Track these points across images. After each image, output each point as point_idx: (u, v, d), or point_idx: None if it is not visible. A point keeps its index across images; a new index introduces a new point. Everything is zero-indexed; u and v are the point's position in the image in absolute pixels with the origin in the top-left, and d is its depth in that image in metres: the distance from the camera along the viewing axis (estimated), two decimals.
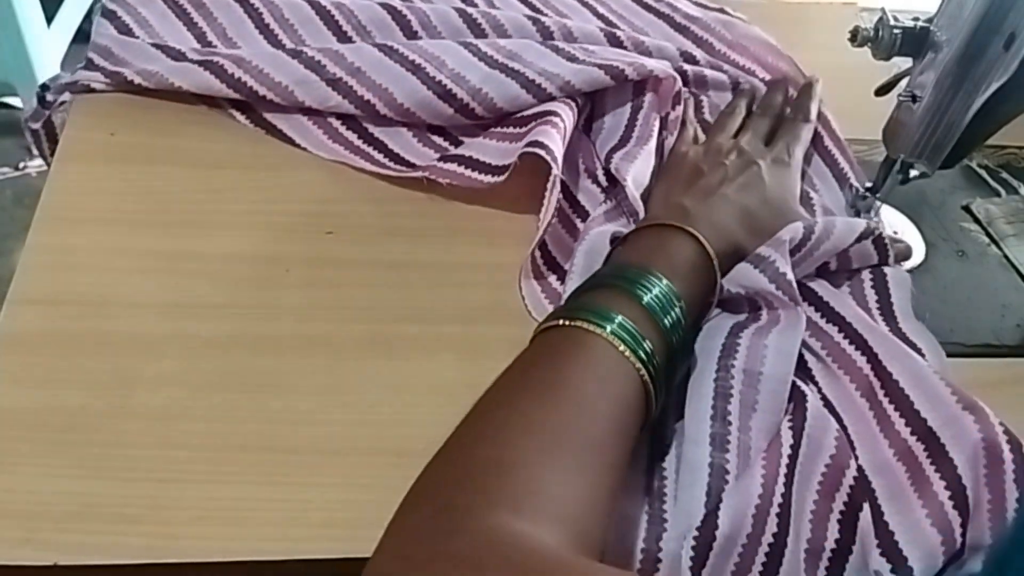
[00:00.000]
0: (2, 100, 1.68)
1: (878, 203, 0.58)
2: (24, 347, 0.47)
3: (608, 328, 0.41)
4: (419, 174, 0.57)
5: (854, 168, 0.62)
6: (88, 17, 1.73)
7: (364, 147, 0.60)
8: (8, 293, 0.49)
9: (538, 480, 0.36)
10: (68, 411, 0.45)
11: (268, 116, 0.61)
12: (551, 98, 0.59)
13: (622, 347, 0.41)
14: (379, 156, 0.60)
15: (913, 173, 0.56)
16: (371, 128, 0.61)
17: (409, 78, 0.59)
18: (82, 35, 1.69)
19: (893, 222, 0.60)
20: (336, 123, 0.61)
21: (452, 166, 0.57)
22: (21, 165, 1.62)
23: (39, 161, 1.62)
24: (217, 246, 0.54)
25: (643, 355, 0.41)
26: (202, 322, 0.50)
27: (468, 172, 0.56)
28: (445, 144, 0.61)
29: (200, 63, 0.60)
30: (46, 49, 1.59)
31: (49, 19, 1.60)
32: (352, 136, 0.61)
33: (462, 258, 0.55)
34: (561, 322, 0.43)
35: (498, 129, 0.60)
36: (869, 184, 0.58)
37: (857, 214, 0.59)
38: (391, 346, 0.50)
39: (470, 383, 0.48)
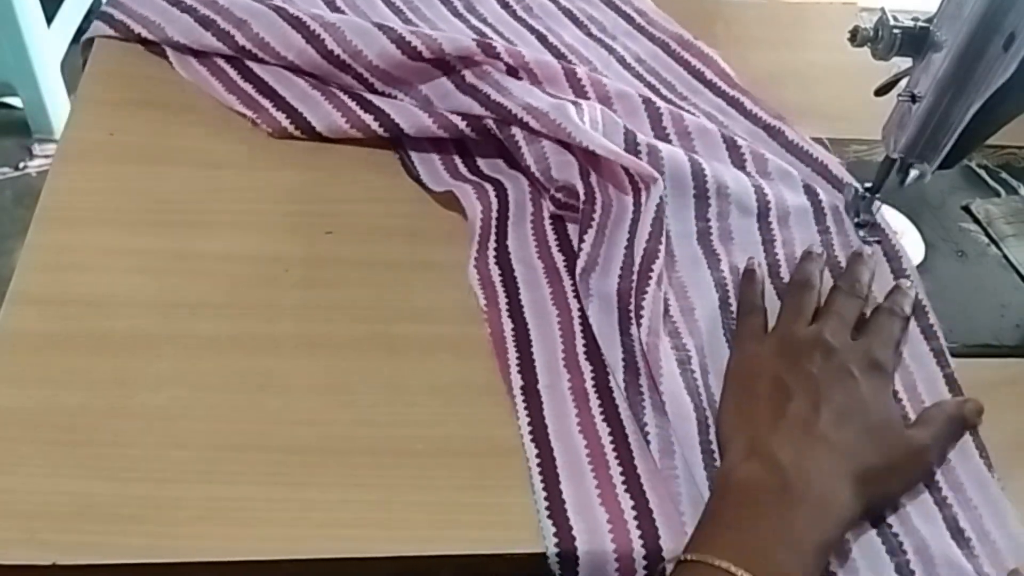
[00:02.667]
0: (2, 100, 1.68)
1: (878, 203, 0.58)
2: (24, 347, 0.47)
3: None
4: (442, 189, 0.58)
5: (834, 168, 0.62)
6: (88, 17, 1.73)
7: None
8: (8, 293, 0.49)
9: None
10: (68, 411, 0.45)
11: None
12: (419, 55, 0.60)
13: None
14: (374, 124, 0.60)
15: (913, 173, 0.56)
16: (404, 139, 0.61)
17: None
18: (82, 35, 1.69)
19: (893, 222, 0.60)
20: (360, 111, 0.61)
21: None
22: (21, 165, 1.62)
23: (39, 161, 1.62)
24: (217, 246, 0.54)
25: None
26: (202, 322, 0.50)
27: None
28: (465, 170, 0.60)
29: (200, 20, 0.63)
30: (46, 49, 1.58)
31: (49, 19, 1.60)
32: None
33: (461, 258, 0.55)
34: None
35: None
36: (869, 184, 0.58)
37: (857, 214, 0.59)
38: (391, 346, 0.50)
39: (470, 383, 0.49)
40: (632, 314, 0.50)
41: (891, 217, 0.60)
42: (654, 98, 0.64)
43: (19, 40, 1.51)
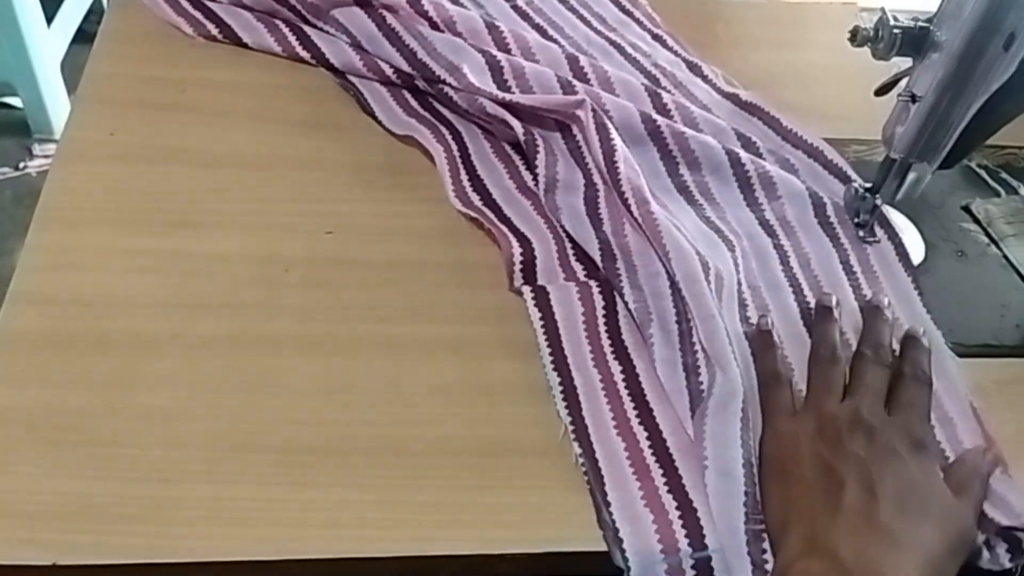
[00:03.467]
0: (2, 100, 1.68)
1: (879, 204, 0.58)
2: (24, 347, 0.47)
3: None
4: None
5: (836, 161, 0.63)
6: (88, 17, 1.73)
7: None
8: (8, 293, 0.49)
9: None
10: (68, 411, 0.45)
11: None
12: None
13: None
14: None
15: (911, 177, 0.56)
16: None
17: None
18: (82, 35, 1.69)
19: (893, 222, 0.60)
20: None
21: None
22: (21, 165, 1.62)
23: (39, 161, 1.62)
24: (217, 246, 0.54)
25: None
26: (202, 322, 0.50)
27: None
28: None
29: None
30: (46, 49, 1.58)
31: (49, 19, 1.60)
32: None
33: (462, 258, 0.55)
34: None
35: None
36: (869, 184, 0.58)
37: (857, 214, 0.59)
38: (391, 346, 0.50)
39: (470, 383, 0.49)
40: (601, 214, 0.56)
41: (891, 217, 0.60)
42: (658, 90, 0.66)
43: (19, 40, 1.51)
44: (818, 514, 0.42)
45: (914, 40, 0.51)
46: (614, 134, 0.57)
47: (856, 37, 0.53)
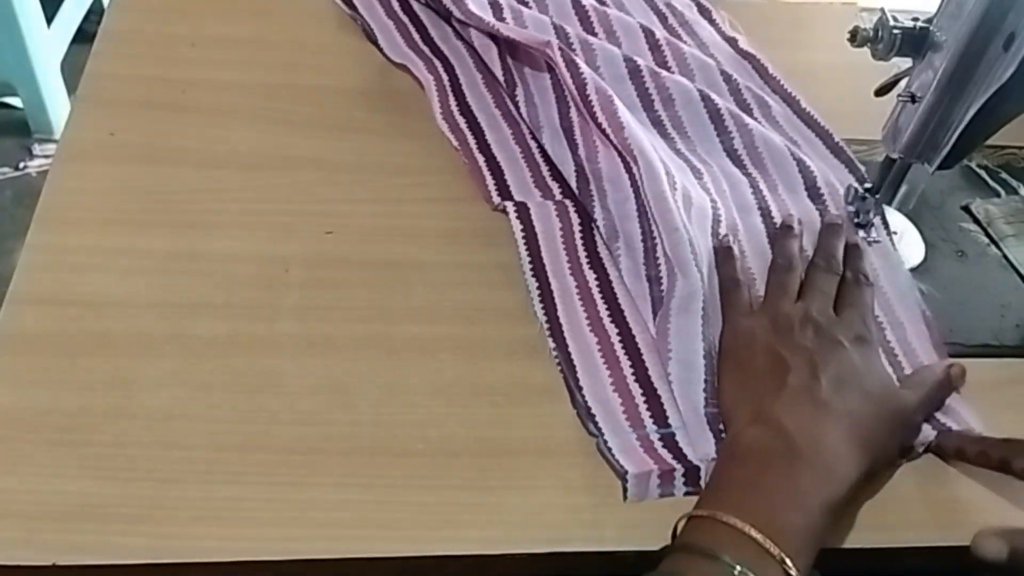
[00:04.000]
0: (2, 100, 1.68)
1: (875, 204, 0.58)
2: (24, 347, 0.47)
3: None
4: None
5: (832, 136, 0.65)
6: (88, 17, 1.73)
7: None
8: (8, 293, 0.49)
9: None
10: (68, 411, 0.45)
11: None
12: None
13: None
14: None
15: (904, 189, 0.57)
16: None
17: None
18: (82, 35, 1.69)
19: (893, 222, 0.60)
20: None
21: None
22: (21, 165, 1.62)
23: (39, 161, 1.62)
24: (217, 246, 0.54)
25: None
26: (202, 322, 0.50)
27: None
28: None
29: None
30: (46, 49, 1.59)
31: (49, 19, 1.60)
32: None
33: (462, 258, 0.55)
34: None
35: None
36: (869, 184, 0.58)
37: (857, 214, 0.59)
38: (391, 346, 0.50)
39: (470, 383, 0.49)
40: (576, 140, 0.61)
41: (891, 217, 0.60)
42: (653, 28, 0.71)
43: (19, 40, 1.51)
44: (765, 393, 0.46)
45: (914, 40, 0.51)
46: (584, 68, 0.61)
47: (856, 37, 0.53)
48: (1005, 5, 0.47)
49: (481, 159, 0.61)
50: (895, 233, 0.60)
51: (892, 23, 0.51)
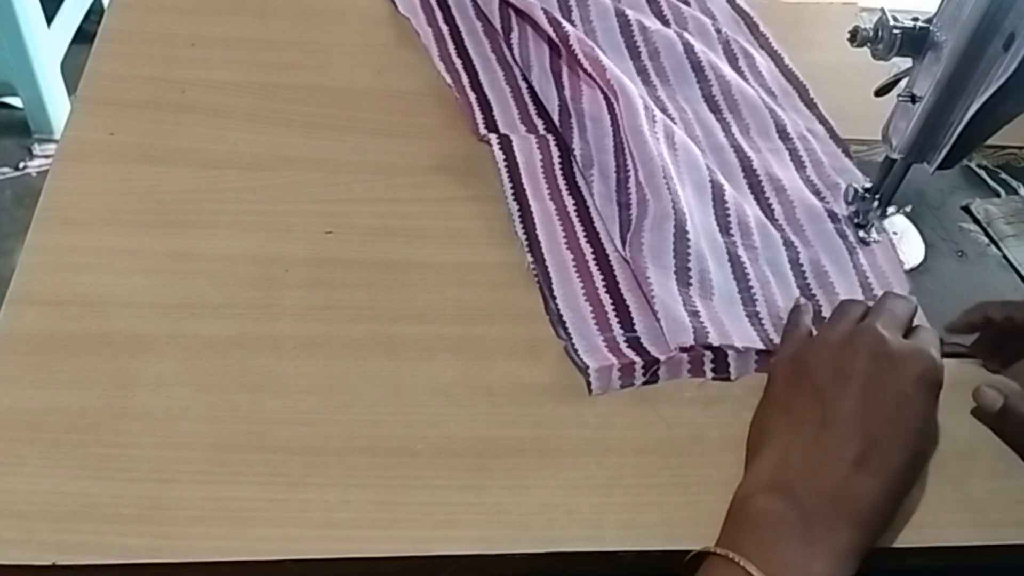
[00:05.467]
0: (2, 100, 1.68)
1: (879, 208, 0.58)
2: (24, 347, 0.47)
3: None
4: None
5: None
6: (88, 17, 1.73)
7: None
8: (8, 293, 0.49)
9: None
10: (68, 411, 0.45)
11: None
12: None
13: None
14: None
15: (891, 210, 0.58)
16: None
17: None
18: (82, 35, 1.69)
19: (893, 222, 0.60)
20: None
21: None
22: (21, 165, 1.62)
23: (39, 161, 1.62)
24: (217, 246, 0.54)
25: None
26: (202, 322, 0.50)
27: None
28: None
29: None
30: (46, 49, 1.59)
31: (49, 19, 1.60)
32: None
33: (462, 258, 0.55)
34: None
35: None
36: (869, 184, 0.58)
37: (857, 215, 0.59)
38: (391, 346, 0.50)
39: (469, 383, 0.49)
40: (564, 82, 0.65)
41: (892, 217, 0.60)
42: None
43: (19, 40, 1.51)
44: (791, 442, 0.43)
45: (914, 40, 0.51)
46: (567, 25, 0.66)
47: (856, 37, 0.53)
48: (1005, 5, 0.47)
49: (472, 96, 0.65)
50: (895, 233, 0.60)
51: (892, 23, 0.51)
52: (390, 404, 0.47)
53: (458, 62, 0.68)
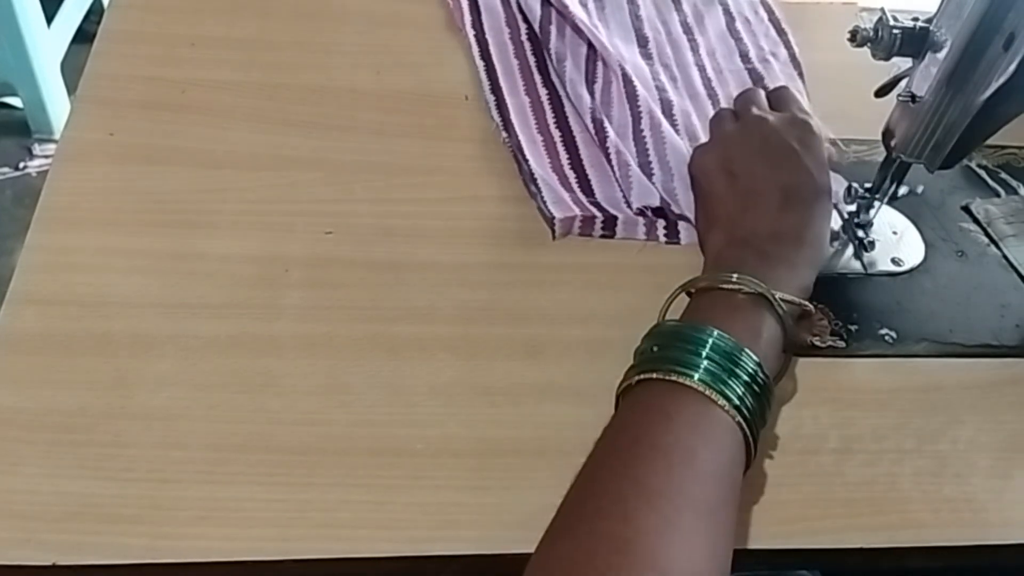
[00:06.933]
0: (2, 100, 1.68)
1: (877, 204, 0.58)
2: (24, 347, 0.47)
3: (716, 388, 0.41)
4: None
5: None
6: (88, 17, 1.73)
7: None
8: (8, 293, 0.49)
9: (663, 554, 0.36)
10: (68, 411, 0.45)
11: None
12: None
13: (721, 401, 0.41)
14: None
15: (903, 191, 0.58)
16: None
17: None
18: (82, 35, 1.69)
19: (893, 222, 0.60)
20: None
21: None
22: (21, 165, 1.62)
23: (39, 161, 1.62)
24: (217, 246, 0.54)
25: (744, 412, 0.41)
26: (202, 322, 0.50)
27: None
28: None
29: None
30: (46, 49, 1.59)
31: (49, 19, 1.61)
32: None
33: (462, 258, 0.55)
34: (655, 375, 0.42)
35: None
36: (868, 184, 0.58)
37: (857, 214, 0.59)
38: (391, 346, 0.50)
39: (469, 383, 0.49)
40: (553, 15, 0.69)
41: (891, 217, 0.60)
42: None
43: (19, 40, 1.52)
44: (727, 213, 0.54)
45: (914, 40, 0.51)
46: None
47: (856, 37, 0.53)
48: (1005, 5, 0.47)
49: (465, 3, 0.72)
50: (895, 233, 0.60)
51: (892, 23, 0.51)
52: (390, 404, 0.47)
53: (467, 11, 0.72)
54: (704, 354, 0.42)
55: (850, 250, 0.59)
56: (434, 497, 0.44)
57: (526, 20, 0.71)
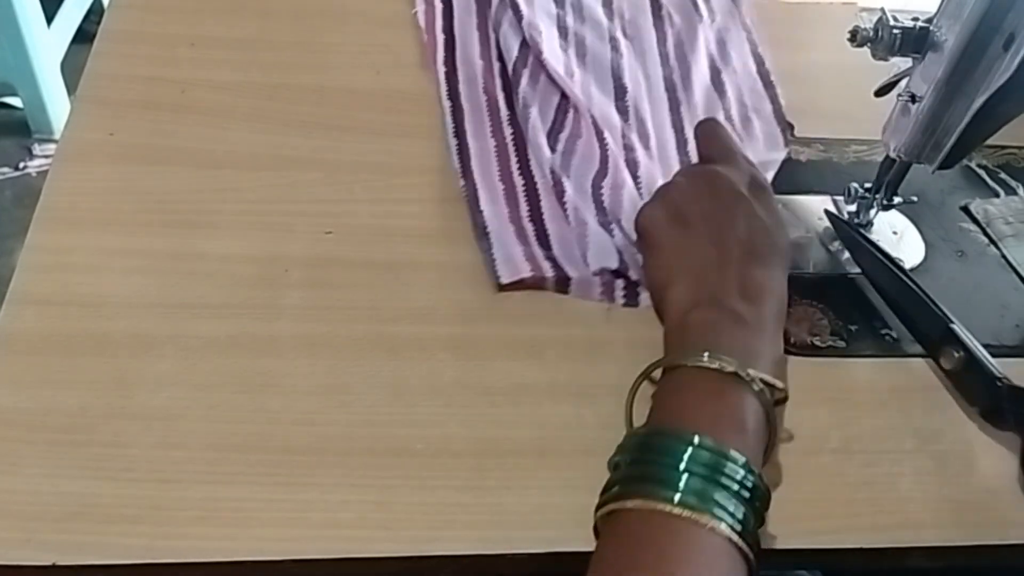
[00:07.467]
0: (2, 100, 1.68)
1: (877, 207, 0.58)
2: (24, 347, 0.47)
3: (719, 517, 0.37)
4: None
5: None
6: (88, 17, 1.73)
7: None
8: (8, 293, 0.49)
9: None
10: (68, 412, 0.45)
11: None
12: None
13: (711, 523, 0.37)
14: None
15: (897, 200, 0.58)
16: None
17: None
18: (82, 35, 1.69)
19: (892, 222, 0.60)
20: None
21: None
22: (21, 165, 1.62)
23: (39, 161, 1.62)
24: (217, 246, 0.54)
25: (737, 527, 0.37)
26: (202, 322, 0.50)
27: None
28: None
29: None
30: (46, 49, 1.59)
31: (49, 19, 1.60)
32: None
33: (462, 258, 0.55)
34: (634, 503, 0.38)
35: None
36: (868, 184, 0.58)
37: (857, 214, 0.59)
38: (391, 346, 0.50)
39: (469, 383, 0.49)
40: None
41: (891, 217, 0.60)
42: None
43: (19, 40, 1.52)
44: (690, 272, 0.49)
45: (914, 40, 0.51)
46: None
47: (856, 37, 0.53)
48: (1005, 5, 0.47)
49: (441, 37, 0.70)
50: (895, 233, 0.60)
51: (892, 23, 0.51)
52: (390, 404, 0.47)
53: (438, 6, 0.72)
54: (683, 468, 0.38)
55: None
56: (434, 497, 0.44)
57: (501, 58, 0.68)
